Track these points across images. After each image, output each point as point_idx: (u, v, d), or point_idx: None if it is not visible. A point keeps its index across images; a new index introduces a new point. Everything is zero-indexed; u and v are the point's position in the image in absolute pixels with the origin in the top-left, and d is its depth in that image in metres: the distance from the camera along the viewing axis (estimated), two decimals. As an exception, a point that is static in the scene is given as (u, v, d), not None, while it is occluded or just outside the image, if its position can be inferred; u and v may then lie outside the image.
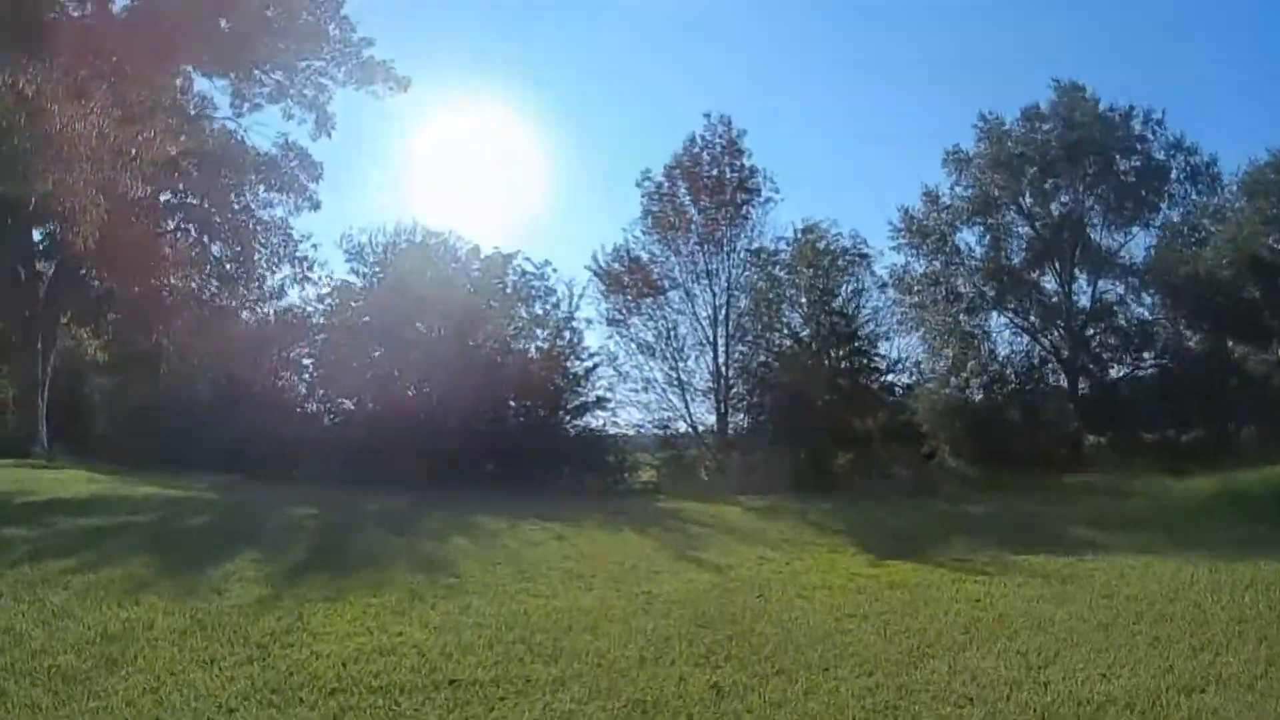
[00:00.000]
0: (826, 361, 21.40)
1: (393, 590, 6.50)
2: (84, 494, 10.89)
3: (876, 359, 21.86)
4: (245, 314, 21.39)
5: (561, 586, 6.86)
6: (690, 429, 21.77)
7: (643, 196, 23.35)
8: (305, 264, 20.09)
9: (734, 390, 21.73)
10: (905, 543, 9.46)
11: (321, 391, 19.92)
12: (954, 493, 16.94)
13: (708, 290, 22.37)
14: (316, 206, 19.93)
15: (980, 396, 24.12)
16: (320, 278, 20.30)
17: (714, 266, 22.58)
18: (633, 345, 22.25)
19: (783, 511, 13.10)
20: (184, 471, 15.48)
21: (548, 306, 20.55)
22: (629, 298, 22.18)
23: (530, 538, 9.49)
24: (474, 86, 38.42)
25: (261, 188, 19.37)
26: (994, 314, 26.18)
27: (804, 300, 22.42)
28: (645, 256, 22.80)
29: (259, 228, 19.54)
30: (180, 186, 18.71)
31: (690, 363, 22.36)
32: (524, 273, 20.76)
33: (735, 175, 23.30)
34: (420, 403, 18.60)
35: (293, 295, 21.36)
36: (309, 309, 21.12)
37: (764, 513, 13.03)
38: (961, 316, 25.17)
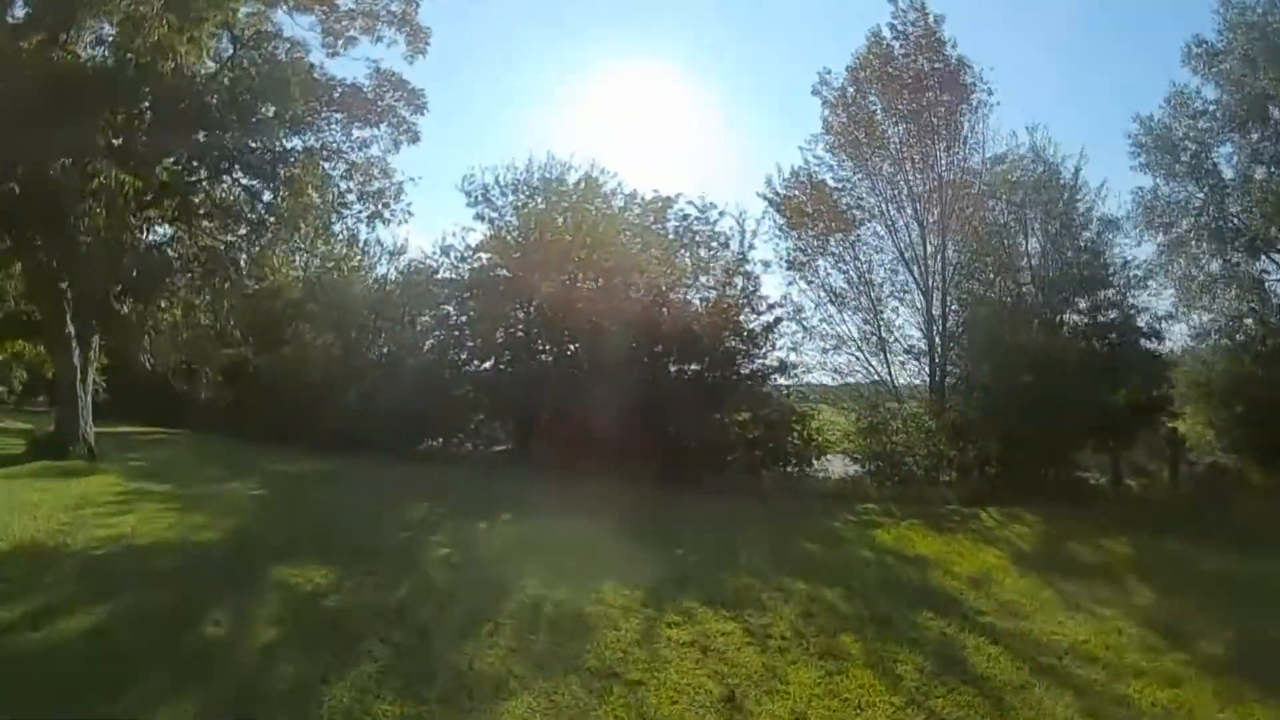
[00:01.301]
0: (1068, 316, 16.81)
1: None
2: (8, 546, 7.48)
3: (1132, 313, 17.02)
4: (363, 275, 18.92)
5: None
6: (895, 402, 16.72)
7: (822, 106, 18.81)
8: (378, 199, 16.83)
9: (952, 352, 17.09)
10: None
11: (452, 354, 17.27)
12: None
13: (912, 222, 17.80)
14: (415, 139, 16.71)
15: (1261, 371, 17.77)
16: (397, 211, 17.20)
17: (919, 190, 18.00)
18: (821, 293, 17.92)
19: (1079, 572, 8.97)
20: (286, 453, 13.14)
21: (714, 248, 16.81)
22: (813, 233, 17.95)
23: (664, 692, 4.87)
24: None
25: (355, 126, 16.14)
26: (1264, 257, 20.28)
27: (1036, 235, 17.66)
28: (831, 180, 18.45)
29: (313, 169, 15.78)
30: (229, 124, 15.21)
31: (889, 314, 17.97)
32: (685, 216, 17.06)
33: (938, 69, 18.48)
34: (562, 370, 15.58)
35: (413, 250, 18.87)
36: (433, 263, 18.63)
37: (1045, 569, 8.99)
38: (1238, 258, 19.45)
